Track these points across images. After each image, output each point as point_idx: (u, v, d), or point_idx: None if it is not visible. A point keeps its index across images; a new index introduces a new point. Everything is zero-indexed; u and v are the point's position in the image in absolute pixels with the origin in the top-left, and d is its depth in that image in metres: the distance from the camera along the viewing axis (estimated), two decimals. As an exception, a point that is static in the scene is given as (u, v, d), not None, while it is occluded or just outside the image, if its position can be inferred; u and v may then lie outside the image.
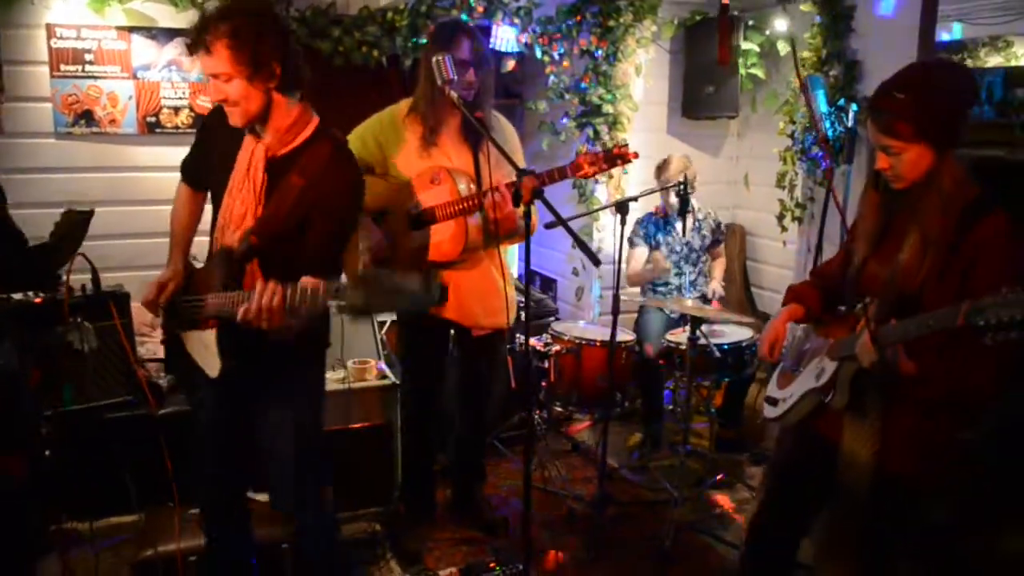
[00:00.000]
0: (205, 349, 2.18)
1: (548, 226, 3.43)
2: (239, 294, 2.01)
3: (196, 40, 2.01)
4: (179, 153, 2.45)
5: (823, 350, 2.20)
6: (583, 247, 2.29)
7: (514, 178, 2.34)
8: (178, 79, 3.96)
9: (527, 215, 2.41)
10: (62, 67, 3.76)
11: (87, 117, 3.84)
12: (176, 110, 3.97)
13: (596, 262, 2.38)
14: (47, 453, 2.02)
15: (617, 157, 2.78)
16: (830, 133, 3.44)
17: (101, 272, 3.55)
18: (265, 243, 2.10)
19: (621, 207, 3.32)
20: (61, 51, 3.75)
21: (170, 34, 3.87)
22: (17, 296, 2.36)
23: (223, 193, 2.19)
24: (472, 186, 2.94)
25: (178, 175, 2.46)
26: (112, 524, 3.39)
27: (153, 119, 3.95)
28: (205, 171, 2.32)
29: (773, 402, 2.36)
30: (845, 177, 3.55)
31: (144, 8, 3.85)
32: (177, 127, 3.99)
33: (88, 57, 3.79)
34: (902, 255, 1.99)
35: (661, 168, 4.16)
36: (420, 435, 3.34)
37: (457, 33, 2.92)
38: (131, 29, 3.84)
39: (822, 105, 3.45)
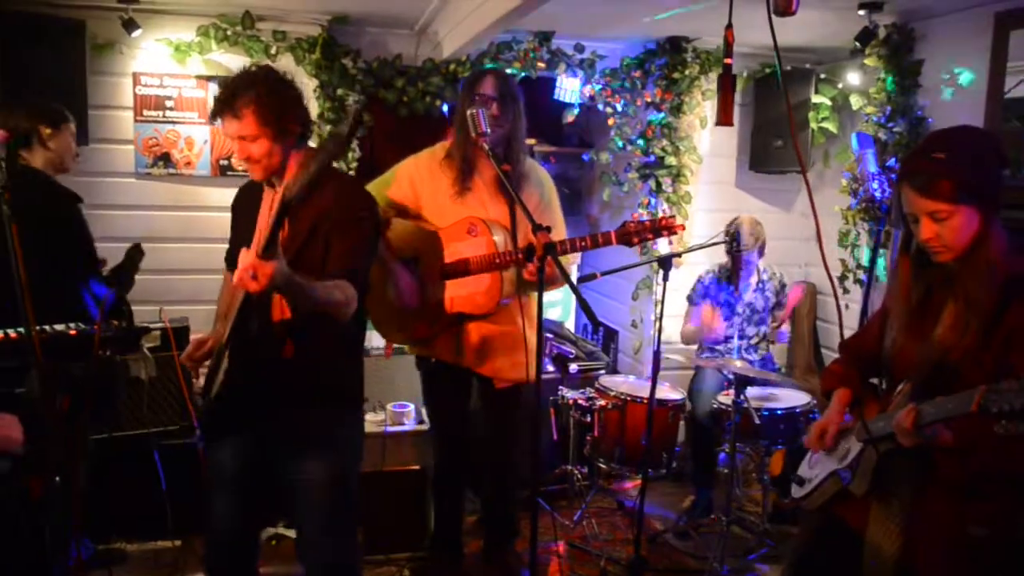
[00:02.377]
0: (222, 372, 2.27)
1: (581, 280, 3.43)
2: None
3: (223, 106, 2.17)
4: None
5: (853, 429, 2.08)
6: (585, 308, 2.23)
7: (553, 229, 2.36)
8: (251, 125, 4.16)
9: (541, 271, 2.38)
10: (145, 112, 4.03)
11: (165, 159, 4.09)
12: (247, 154, 4.17)
13: (596, 324, 2.33)
14: (56, 479, 2.12)
15: (663, 228, 2.75)
16: (877, 195, 3.26)
17: (169, 304, 3.80)
18: None
19: (663, 262, 3.25)
20: (145, 98, 4.02)
21: (245, 83, 4.09)
22: (59, 327, 2.50)
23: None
24: (508, 237, 2.94)
25: None
26: (158, 548, 3.54)
27: (225, 162, 4.17)
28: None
29: (800, 481, 2.26)
30: (894, 240, 3.35)
31: (222, 59, 4.09)
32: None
33: (169, 103, 4.05)
34: (938, 331, 1.88)
35: (731, 233, 3.99)
36: (447, 482, 3.31)
37: (483, 73, 3.02)
38: (209, 78, 4.09)
39: (870, 165, 3.27)
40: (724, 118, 1.88)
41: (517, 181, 2.89)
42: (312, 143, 2.56)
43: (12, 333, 2.37)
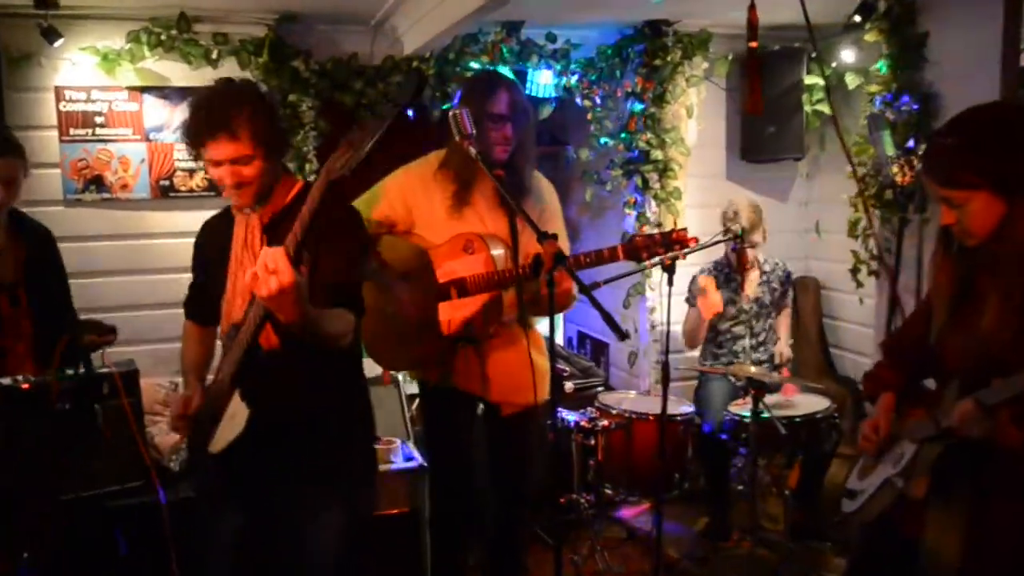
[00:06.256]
0: (232, 419, 2.06)
1: (582, 290, 3.07)
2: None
3: (217, 126, 1.97)
4: (194, 218, 2.32)
5: (905, 433, 1.98)
6: (609, 321, 1.98)
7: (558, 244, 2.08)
8: (194, 140, 3.76)
9: (550, 283, 2.08)
10: (71, 131, 3.60)
11: (97, 183, 3.66)
12: (191, 172, 3.75)
13: (621, 336, 2.07)
14: (25, 556, 1.77)
15: (675, 242, 2.57)
16: (898, 179, 2.99)
17: (111, 346, 3.35)
18: None
19: (668, 268, 2.94)
20: (70, 115, 3.59)
21: (183, 93, 3.66)
22: (6, 381, 2.18)
23: (225, 282, 2.14)
24: (508, 254, 2.64)
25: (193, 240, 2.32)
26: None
27: (167, 182, 3.74)
28: (207, 295, 2.23)
29: (851, 495, 2.14)
30: (919, 227, 3.13)
31: (156, 67, 3.69)
32: (192, 190, 3.78)
33: (98, 120, 3.63)
34: (983, 322, 1.77)
35: (729, 218, 3.72)
36: (449, 521, 2.97)
37: (495, 85, 2.66)
38: (143, 89, 3.68)
39: (887, 148, 3.02)
40: (751, 106, 1.59)
41: (519, 191, 2.62)
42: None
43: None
